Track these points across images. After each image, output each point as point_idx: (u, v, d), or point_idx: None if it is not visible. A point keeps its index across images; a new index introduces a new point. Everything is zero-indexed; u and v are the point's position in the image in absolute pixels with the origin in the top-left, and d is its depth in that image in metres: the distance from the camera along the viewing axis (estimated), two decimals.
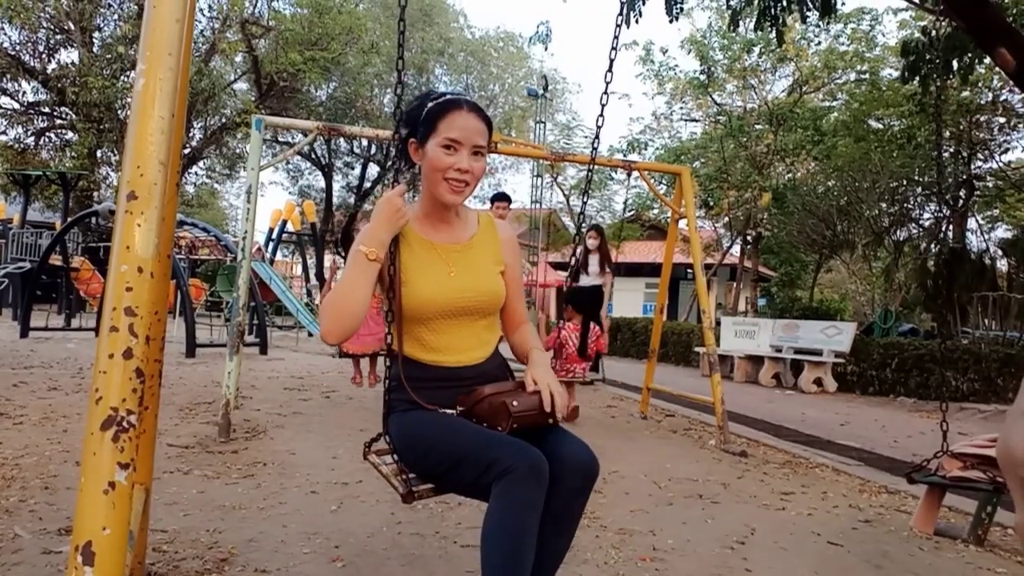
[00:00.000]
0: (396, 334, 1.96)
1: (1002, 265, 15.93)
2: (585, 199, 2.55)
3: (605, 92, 2.40)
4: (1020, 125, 15.36)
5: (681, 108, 21.89)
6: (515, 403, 1.81)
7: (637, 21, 6.61)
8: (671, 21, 6.86)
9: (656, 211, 22.44)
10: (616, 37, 2.44)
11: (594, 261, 8.01)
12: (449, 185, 1.88)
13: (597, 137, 2.47)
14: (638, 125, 22.78)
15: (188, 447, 4.36)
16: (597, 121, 2.42)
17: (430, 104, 1.91)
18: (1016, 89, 11.04)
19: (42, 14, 19.42)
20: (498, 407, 1.81)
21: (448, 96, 1.93)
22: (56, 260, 14.58)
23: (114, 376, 1.18)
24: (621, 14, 2.51)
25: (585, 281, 7.97)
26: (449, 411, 1.88)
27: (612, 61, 2.41)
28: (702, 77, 19.56)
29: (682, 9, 6.74)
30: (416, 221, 2.00)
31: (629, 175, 6.15)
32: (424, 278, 1.92)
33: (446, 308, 1.92)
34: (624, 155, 19.82)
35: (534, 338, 2.10)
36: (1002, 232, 21.53)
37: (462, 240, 2.02)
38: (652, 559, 2.85)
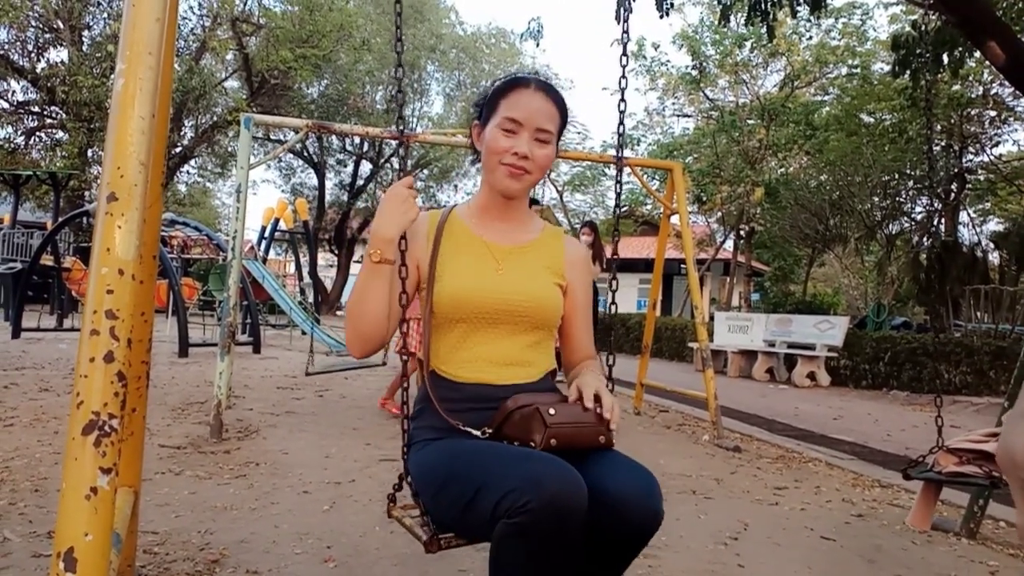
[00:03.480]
0: (424, 344, 1.70)
1: (994, 258, 16.04)
2: (619, 188, 2.28)
3: (621, 108, 2.03)
4: (1011, 118, 15.44)
5: (673, 104, 21.98)
6: (552, 411, 1.47)
7: (627, 18, 6.60)
8: (661, 16, 6.85)
9: (649, 207, 22.46)
10: (624, 43, 2.19)
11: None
12: (507, 169, 1.64)
13: (620, 140, 2.15)
14: (630, 121, 22.78)
15: (180, 448, 4.34)
16: (620, 114, 2.06)
17: (497, 84, 1.72)
18: (1006, 83, 11.07)
19: (31, 13, 19.29)
20: (529, 417, 1.48)
21: (518, 74, 1.72)
22: (47, 260, 14.51)
23: (95, 380, 1.16)
24: (624, 31, 2.29)
25: None
26: (476, 432, 1.54)
27: (624, 68, 2.09)
28: (694, 72, 19.61)
29: (672, 4, 6.73)
30: (470, 215, 1.78)
31: (621, 171, 6.14)
32: (465, 272, 1.66)
33: (485, 309, 1.64)
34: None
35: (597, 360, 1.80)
36: (994, 225, 21.67)
37: (519, 241, 1.76)
38: (645, 555, 2.84)
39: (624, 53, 2.11)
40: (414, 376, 1.70)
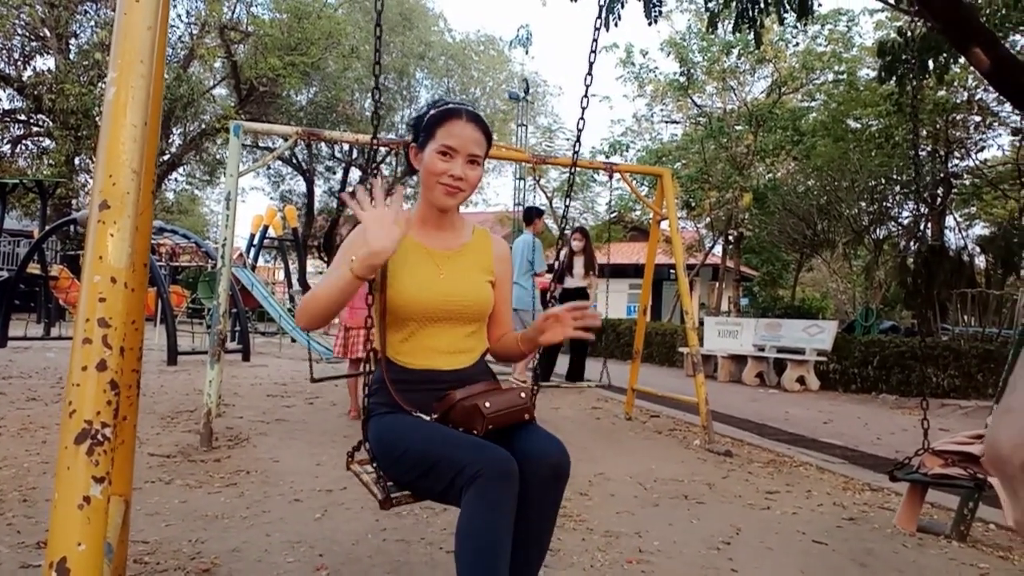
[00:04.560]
0: (379, 336, 1.98)
1: (980, 262, 16.14)
2: (568, 202, 2.56)
3: (585, 95, 2.41)
4: (995, 123, 15.57)
5: (662, 110, 22.05)
6: (487, 404, 1.82)
7: (616, 24, 6.63)
8: (650, 24, 6.88)
9: (639, 212, 22.53)
10: (595, 40, 2.45)
11: (579, 263, 8.03)
12: (444, 188, 1.92)
13: (578, 140, 2.48)
14: (619, 127, 22.91)
15: (170, 456, 4.32)
16: (578, 124, 2.43)
17: (432, 112, 1.97)
18: (991, 88, 11.18)
19: (17, 21, 19.21)
20: (471, 410, 1.83)
21: (450, 105, 1.98)
22: (34, 269, 14.41)
23: (88, 389, 1.16)
24: (600, 17, 2.52)
25: (570, 283, 7.99)
26: (425, 417, 1.88)
27: (592, 64, 2.41)
28: (682, 79, 19.68)
29: (660, 12, 6.77)
30: (412, 225, 2.03)
31: (611, 177, 6.17)
32: (412, 278, 1.94)
33: (431, 309, 1.94)
34: (606, 157, 19.88)
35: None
36: (979, 229, 21.80)
37: (454, 246, 2.05)
38: (638, 561, 2.84)
39: (590, 72, 2.41)
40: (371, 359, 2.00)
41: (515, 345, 2.06)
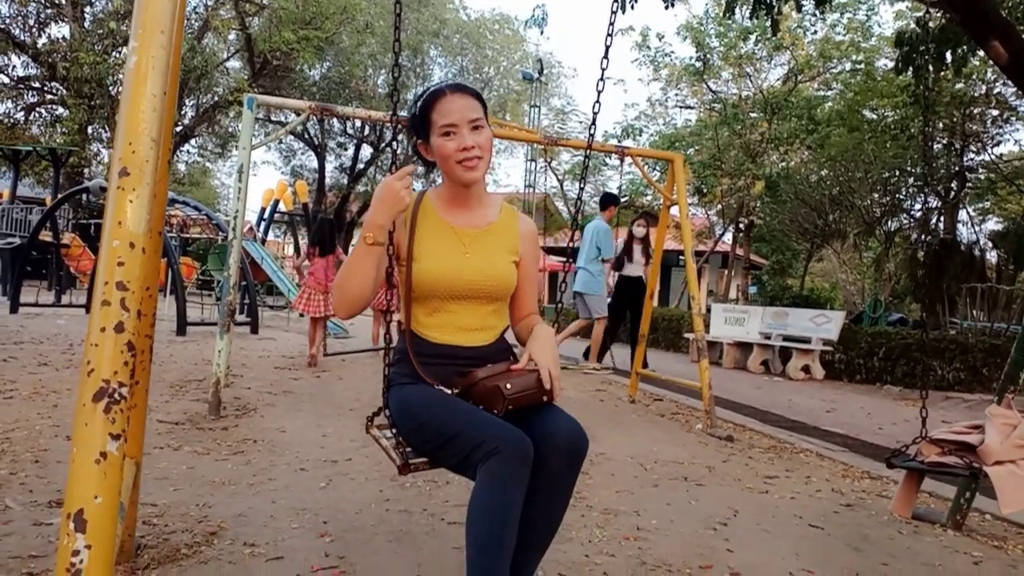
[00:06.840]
0: (404, 309, 2.06)
1: (991, 257, 16.07)
2: (582, 184, 2.60)
3: (601, 79, 2.45)
4: (1012, 118, 15.43)
5: (676, 95, 21.89)
6: (508, 386, 1.87)
7: (632, 7, 6.60)
8: (667, 7, 6.84)
9: (649, 197, 22.46)
10: (612, 24, 2.49)
11: (638, 250, 8.03)
12: (462, 166, 1.97)
13: (593, 123, 2.50)
14: (633, 111, 22.74)
15: (178, 423, 4.39)
16: (593, 107, 2.46)
17: (418, 104, 2.04)
18: (1009, 82, 11.08)
19: None
20: (492, 391, 1.88)
21: (430, 88, 2.05)
22: (46, 236, 14.52)
23: (106, 349, 1.20)
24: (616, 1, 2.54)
25: (628, 270, 7.99)
26: (446, 390, 1.95)
27: (608, 48, 2.45)
28: (697, 64, 19.53)
29: None
30: (439, 201, 2.10)
31: (622, 161, 6.17)
32: (438, 256, 2.01)
33: (455, 288, 2.00)
34: (618, 141, 19.79)
35: (541, 321, 2.17)
36: (993, 224, 21.68)
37: (480, 224, 2.10)
38: (636, 538, 2.89)
39: (606, 56, 2.45)
40: (395, 329, 2.07)
41: (527, 338, 2.09)
